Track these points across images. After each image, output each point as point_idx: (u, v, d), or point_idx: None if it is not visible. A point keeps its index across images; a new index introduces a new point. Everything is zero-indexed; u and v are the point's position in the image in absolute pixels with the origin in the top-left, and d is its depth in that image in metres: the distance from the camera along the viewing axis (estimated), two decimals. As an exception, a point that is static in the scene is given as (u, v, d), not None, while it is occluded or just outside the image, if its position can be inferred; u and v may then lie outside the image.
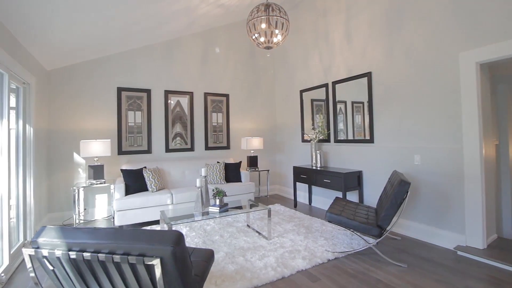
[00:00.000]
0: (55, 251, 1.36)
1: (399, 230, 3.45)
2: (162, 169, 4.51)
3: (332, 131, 4.48)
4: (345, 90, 4.21)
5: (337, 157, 4.40)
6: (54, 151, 4.06)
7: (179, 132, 4.96)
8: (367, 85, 3.80)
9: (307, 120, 5.00)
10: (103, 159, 4.30)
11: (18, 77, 2.88)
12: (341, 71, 4.28)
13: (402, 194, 2.59)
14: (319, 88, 4.69)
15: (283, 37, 3.63)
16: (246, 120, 5.64)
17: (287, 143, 5.65)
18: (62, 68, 4.08)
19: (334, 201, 3.41)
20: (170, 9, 3.56)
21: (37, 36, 2.97)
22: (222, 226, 3.81)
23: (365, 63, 3.88)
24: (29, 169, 3.24)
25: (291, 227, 3.69)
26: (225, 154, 5.38)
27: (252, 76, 5.70)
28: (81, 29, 3.26)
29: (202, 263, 1.88)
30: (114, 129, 4.43)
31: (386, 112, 3.60)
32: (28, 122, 3.21)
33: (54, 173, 4.06)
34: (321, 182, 4.17)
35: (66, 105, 4.14)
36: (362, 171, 3.96)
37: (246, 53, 5.61)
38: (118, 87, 4.45)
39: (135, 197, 3.80)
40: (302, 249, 2.97)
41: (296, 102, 5.31)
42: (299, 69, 5.21)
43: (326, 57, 4.58)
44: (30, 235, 3.25)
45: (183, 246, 1.30)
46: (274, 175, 5.95)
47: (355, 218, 2.84)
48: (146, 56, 4.67)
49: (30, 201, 3.26)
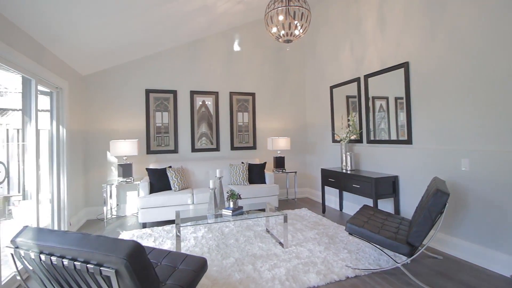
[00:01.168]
0: (29, 252, 1.36)
1: (442, 248, 2.91)
2: (186, 168, 4.56)
3: (364, 130, 4.02)
4: (378, 84, 3.74)
5: (370, 160, 3.93)
6: (90, 150, 4.37)
7: (204, 132, 4.97)
8: (403, 77, 3.30)
9: (338, 119, 4.58)
10: (132, 158, 4.50)
11: (50, 82, 3.12)
12: (374, 63, 3.80)
13: (438, 207, 2.14)
14: (350, 83, 4.26)
15: (304, 29, 3.34)
16: (273, 119, 5.43)
17: (317, 144, 5.29)
18: (96, 73, 4.38)
19: (360, 209, 3.03)
20: (186, 8, 3.53)
21: (66, 43, 3.18)
22: (241, 229, 3.67)
23: (401, 52, 3.37)
24: (63, 167, 3.51)
25: (313, 235, 3.39)
26: (251, 155, 5.24)
27: (279, 73, 5.46)
28: (107, 33, 3.41)
29: (190, 273, 1.75)
30: (143, 130, 4.62)
31: (426, 107, 3.07)
32: (61, 123, 3.48)
33: (90, 171, 4.38)
34: (350, 187, 3.76)
35: (100, 107, 4.43)
36: (398, 176, 3.46)
37: (272, 49, 5.39)
38: (146, 89, 4.61)
39: (158, 196, 3.88)
40: (319, 262, 2.67)
41: (326, 99, 4.92)
42: (329, 64, 4.81)
43: (357, 49, 4.12)
44: (63, 228, 3.52)
45: (140, 258, 1.17)
46: (305, 177, 5.62)
47: (381, 231, 2.44)
48: (171, 58, 4.77)
49: (64, 196, 3.53)
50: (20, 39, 2.48)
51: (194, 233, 3.53)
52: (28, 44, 2.63)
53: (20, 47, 2.47)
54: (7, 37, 2.29)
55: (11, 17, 2.30)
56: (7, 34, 2.29)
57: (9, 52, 2.27)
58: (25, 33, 2.56)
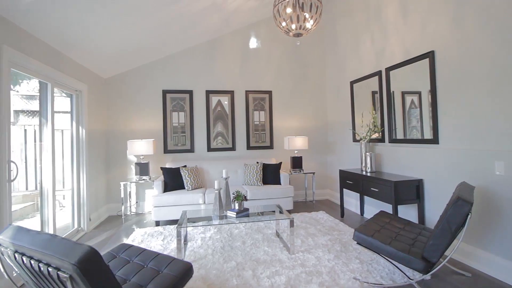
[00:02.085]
0: (7, 250, 1.39)
1: (471, 263, 2.52)
2: (201, 168, 4.58)
3: (386, 128, 3.67)
4: (401, 77, 3.38)
5: (393, 161, 3.58)
6: (111, 149, 4.59)
7: (220, 132, 4.95)
8: (428, 68, 2.92)
9: (359, 116, 4.26)
10: (150, 157, 4.63)
11: (67, 85, 3.30)
12: (396, 54, 3.44)
13: (459, 218, 1.83)
14: (370, 78, 3.92)
15: (315, 22, 3.13)
16: (291, 118, 5.23)
17: (338, 143, 4.98)
18: (116, 75, 4.57)
19: (375, 215, 2.75)
20: (196, 7, 3.50)
21: (82, 49, 3.34)
22: (251, 231, 3.57)
23: (425, 40, 2.99)
24: (82, 165, 3.71)
25: (325, 242, 3.17)
26: (267, 154, 5.10)
27: (297, 70, 5.24)
28: (120, 37, 3.52)
29: (172, 279, 1.69)
30: (160, 130, 4.73)
31: (454, 102, 2.69)
32: (81, 124, 3.68)
33: (111, 169, 4.60)
34: (368, 191, 3.46)
35: (120, 108, 4.62)
36: (422, 180, 3.09)
37: (290, 45, 5.18)
38: (163, 90, 4.72)
39: (170, 195, 3.94)
40: (325, 272, 2.47)
41: (346, 96, 4.60)
42: (350, 57, 4.48)
43: (378, 39, 3.77)
44: (83, 223, 3.72)
45: (93, 265, 1.13)
46: (325, 179, 5.34)
47: (393, 242, 2.17)
48: (188, 58, 4.81)
49: (84, 193, 3.73)
50: (35, 47, 2.64)
51: (202, 233, 3.51)
52: (44, 50, 2.79)
53: (36, 54, 2.63)
54: (23, 46, 2.44)
55: (26, 27, 2.45)
56: (22, 42, 2.44)
57: (23, 59, 2.42)
58: (40, 40, 2.72)
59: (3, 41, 2.16)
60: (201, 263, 2.71)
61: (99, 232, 3.77)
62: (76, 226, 3.65)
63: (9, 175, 2.25)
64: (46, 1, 2.28)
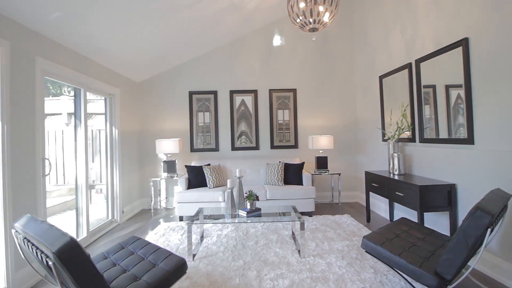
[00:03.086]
0: (20, 236, 1.60)
1: (506, 280, 2.15)
2: (224, 166, 4.68)
3: (416, 126, 3.33)
4: (432, 69, 3.02)
5: (424, 163, 3.23)
6: (143, 148, 4.95)
7: (244, 131, 4.99)
8: (462, 58, 2.56)
9: (388, 114, 3.92)
10: (178, 156, 4.88)
11: (100, 90, 3.65)
12: (427, 44, 3.09)
13: (477, 230, 1.58)
14: (400, 71, 3.58)
15: (332, 15, 2.97)
16: (317, 116, 5.04)
17: (368, 142, 4.66)
18: (147, 79, 4.92)
19: (393, 222, 2.53)
20: (214, 9, 3.58)
21: (112, 56, 3.66)
22: (267, 231, 3.55)
23: (458, 26, 2.63)
24: (116, 163, 4.07)
25: (341, 247, 3.00)
26: (291, 154, 5.00)
27: (324, 66, 5.02)
28: (146, 43, 3.78)
29: (164, 273, 1.77)
30: (187, 129, 4.96)
31: (492, 96, 2.32)
32: (114, 125, 4.04)
33: (144, 166, 4.96)
34: (393, 195, 3.18)
35: (151, 110, 4.95)
36: (455, 185, 2.73)
37: (316, 42, 4.99)
38: (190, 91, 4.93)
39: (192, 192, 4.10)
40: (332, 279, 2.34)
41: (376, 92, 4.28)
42: (379, 51, 4.15)
43: (408, 29, 3.42)
44: (116, 215, 4.09)
45: (71, 255, 1.23)
46: (355, 180, 5.05)
47: (404, 253, 1.96)
48: (212, 60, 4.95)
49: (117, 187, 4.10)
50: (66, 56, 2.97)
51: (219, 231, 3.59)
52: (75, 59, 3.12)
53: (67, 62, 2.96)
54: (54, 55, 2.77)
55: (57, 38, 2.77)
56: (53, 52, 2.77)
57: (55, 67, 2.74)
58: (70, 49, 3.05)
59: (36, 52, 2.48)
60: (210, 260, 2.78)
61: (130, 224, 4.11)
62: (110, 217, 4.02)
63: (43, 170, 2.58)
64: (74, 14, 2.55)
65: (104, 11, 2.70)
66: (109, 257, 2.07)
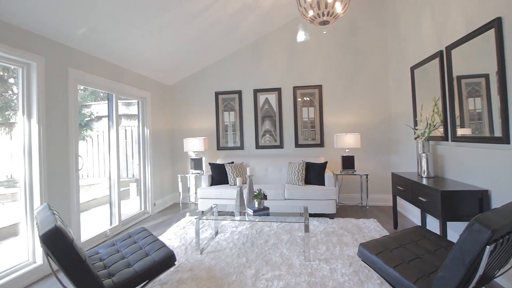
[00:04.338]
0: (35, 221, 1.90)
1: (550, 317, 1.76)
2: (247, 164, 4.75)
3: (448, 123, 2.92)
4: (465, 56, 2.60)
5: (456, 164, 2.82)
6: (173, 146, 5.33)
7: (268, 129, 4.99)
8: (494, 41, 2.17)
9: (420, 109, 3.51)
10: (205, 153, 5.13)
11: (131, 94, 4.05)
12: (458, 27, 2.67)
13: (474, 246, 1.35)
14: (430, 61, 3.17)
15: (344, 6, 2.79)
16: (344, 113, 4.76)
17: (400, 141, 4.24)
18: (177, 82, 5.26)
19: (402, 230, 2.30)
20: (227, 11, 3.65)
21: (141, 62, 4.01)
22: (282, 231, 3.52)
23: (489, 5, 2.22)
24: (147, 159, 4.47)
25: (353, 254, 2.82)
26: (316, 153, 4.82)
27: (351, 60, 4.70)
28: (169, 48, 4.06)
29: (152, 264, 1.91)
30: (213, 128, 5.16)
31: (530, 86, 1.91)
32: (145, 125, 4.43)
33: (175, 163, 5.34)
34: (416, 200, 2.85)
35: (181, 110, 5.29)
36: (488, 191, 2.33)
37: (342, 34, 4.70)
38: (215, 92, 5.12)
39: (214, 189, 4.28)
40: (330, 287, 2.23)
41: (407, 85, 3.86)
42: (411, 39, 3.72)
43: (438, 12, 3.01)
44: (148, 208, 4.49)
45: (54, 241, 1.43)
46: (387, 181, 4.64)
47: (400, 266, 1.77)
48: (236, 60, 5.05)
49: (148, 183, 4.50)
50: (96, 65, 3.36)
51: (235, 227, 3.68)
52: (104, 67, 3.51)
53: (97, 71, 3.36)
54: (85, 65, 3.17)
55: (86, 50, 3.16)
56: (84, 62, 3.17)
57: (87, 76, 3.14)
58: (99, 59, 3.42)
59: (67, 64, 2.88)
60: (216, 255, 2.88)
61: (160, 216, 4.48)
62: (143, 209, 4.44)
63: (77, 165, 2.99)
64: (97, 28, 2.88)
65: (125, 22, 2.99)
66: (116, 245, 2.32)
